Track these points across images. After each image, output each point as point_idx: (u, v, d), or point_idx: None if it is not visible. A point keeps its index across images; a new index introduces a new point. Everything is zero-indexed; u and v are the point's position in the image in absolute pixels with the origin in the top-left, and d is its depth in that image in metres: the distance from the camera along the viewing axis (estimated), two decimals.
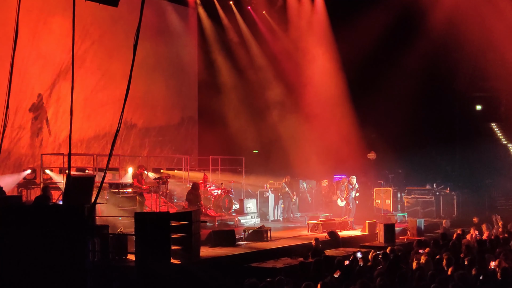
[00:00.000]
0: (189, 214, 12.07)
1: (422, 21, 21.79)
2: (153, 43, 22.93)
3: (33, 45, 19.01)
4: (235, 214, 19.75)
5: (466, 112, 23.25)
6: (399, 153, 22.44)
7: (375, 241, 16.33)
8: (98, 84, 21.35)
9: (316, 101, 23.80)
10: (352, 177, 19.99)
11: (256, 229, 15.97)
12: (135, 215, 11.72)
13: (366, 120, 22.66)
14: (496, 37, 21.46)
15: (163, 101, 24.63)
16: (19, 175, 17.81)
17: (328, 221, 18.63)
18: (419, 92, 22.03)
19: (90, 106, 20.98)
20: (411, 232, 17.45)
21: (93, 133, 21.37)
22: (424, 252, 12.28)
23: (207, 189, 19.82)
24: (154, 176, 19.66)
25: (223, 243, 14.36)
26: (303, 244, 14.84)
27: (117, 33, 21.69)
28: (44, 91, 19.74)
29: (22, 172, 17.98)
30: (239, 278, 10.26)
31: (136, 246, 11.00)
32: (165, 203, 18.06)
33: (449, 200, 22.33)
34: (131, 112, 22.13)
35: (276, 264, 12.60)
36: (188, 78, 26.18)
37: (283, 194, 21.64)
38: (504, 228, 16.36)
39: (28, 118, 19.35)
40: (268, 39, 25.36)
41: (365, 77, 22.89)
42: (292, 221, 21.13)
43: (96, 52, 21.33)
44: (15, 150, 18.83)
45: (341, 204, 20.12)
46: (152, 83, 23.36)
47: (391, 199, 22.28)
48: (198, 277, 11.06)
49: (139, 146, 23.26)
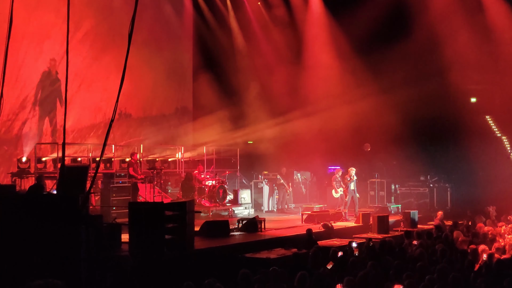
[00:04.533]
0: (183, 204, 12.05)
1: (417, 12, 21.75)
2: (149, 31, 22.86)
3: (27, 34, 18.88)
4: (229, 205, 19.78)
5: (460, 105, 23.25)
6: (393, 145, 22.45)
7: (368, 233, 16.38)
8: (93, 73, 21.24)
9: (311, 92, 23.76)
10: (351, 169, 19.81)
11: (250, 220, 15.98)
12: (129, 205, 11.72)
13: (361, 111, 22.64)
14: (491, 28, 21.47)
15: (158, 91, 24.54)
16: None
17: (322, 212, 18.68)
18: (414, 83, 22.02)
19: (85, 95, 20.89)
20: (404, 224, 17.50)
21: (88, 122, 21.29)
22: (417, 244, 12.34)
23: (202, 180, 19.82)
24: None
25: (217, 233, 14.35)
26: (297, 235, 14.84)
27: (112, 22, 21.56)
28: (38, 79, 19.64)
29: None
30: (233, 268, 10.27)
31: (130, 236, 11.00)
32: (159, 193, 18.06)
33: (443, 192, 22.43)
34: (125, 102, 22.03)
35: (270, 255, 12.60)
36: (183, 68, 26.10)
37: (278, 186, 21.67)
38: (498, 220, 16.46)
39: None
40: (263, 28, 25.30)
41: (359, 68, 22.86)
42: (286, 212, 21.19)
43: (91, 41, 21.21)
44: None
45: (335, 195, 20.13)
46: (147, 72, 23.25)
47: (385, 191, 22.35)
48: (191, 267, 11.06)
49: (133, 136, 23.19)
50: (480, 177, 21.52)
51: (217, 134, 23.85)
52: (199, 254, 12.02)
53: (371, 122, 22.74)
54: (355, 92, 22.72)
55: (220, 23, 25.75)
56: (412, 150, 22.45)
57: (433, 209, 21.21)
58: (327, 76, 23.72)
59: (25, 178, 17.62)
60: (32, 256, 7.67)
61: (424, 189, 22.48)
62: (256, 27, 25.33)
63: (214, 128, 23.93)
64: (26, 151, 18.73)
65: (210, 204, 18.93)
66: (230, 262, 11.77)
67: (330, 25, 24.13)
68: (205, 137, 23.88)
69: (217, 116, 24.20)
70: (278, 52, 24.55)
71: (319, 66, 24.14)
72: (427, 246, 12.10)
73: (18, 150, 18.79)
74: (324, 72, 23.88)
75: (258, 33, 25.24)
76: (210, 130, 23.94)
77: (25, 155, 18.37)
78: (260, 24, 25.39)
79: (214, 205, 18.99)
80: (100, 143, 8.42)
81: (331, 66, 23.82)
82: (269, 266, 9.70)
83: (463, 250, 11.11)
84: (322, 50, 24.21)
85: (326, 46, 24.16)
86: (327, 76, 23.74)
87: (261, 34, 25.21)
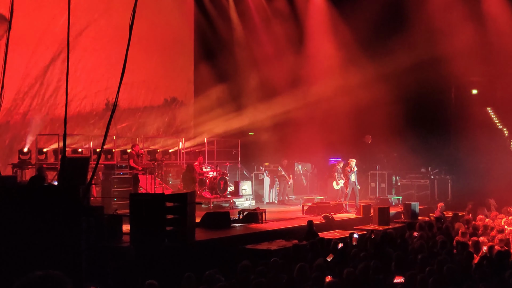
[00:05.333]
0: (184, 195, 12.06)
1: (419, 2, 21.67)
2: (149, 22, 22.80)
3: (27, 26, 18.84)
4: (230, 196, 19.79)
5: (462, 96, 23.20)
6: (394, 136, 22.44)
7: (369, 224, 16.40)
8: (93, 64, 21.21)
9: (312, 84, 23.71)
10: (352, 160, 19.79)
11: (251, 211, 15.99)
12: (130, 196, 11.73)
13: (362, 103, 22.59)
14: (493, 20, 21.40)
15: (159, 82, 24.50)
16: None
17: (323, 203, 18.68)
18: (415, 75, 21.97)
19: (85, 85, 20.87)
20: (405, 216, 17.50)
21: (88, 113, 21.27)
22: (418, 236, 12.36)
23: (203, 171, 19.83)
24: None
25: (218, 225, 14.38)
26: (297, 226, 14.86)
27: (113, 14, 21.49)
28: (39, 72, 19.62)
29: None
30: (233, 259, 10.29)
31: (131, 227, 11.02)
32: (160, 185, 18.07)
33: (444, 183, 22.42)
34: (126, 93, 22.00)
35: (271, 246, 12.63)
36: (184, 59, 26.05)
37: (279, 177, 21.67)
38: (498, 212, 16.46)
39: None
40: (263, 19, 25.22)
41: (361, 59, 22.80)
42: (287, 204, 21.19)
43: (91, 32, 21.17)
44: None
45: (336, 187, 20.13)
46: (148, 63, 23.22)
47: (386, 183, 22.36)
48: (192, 258, 11.08)
49: (134, 127, 23.17)
50: (481, 169, 21.49)
51: (217, 124, 23.85)
52: (200, 245, 12.05)
53: (372, 114, 22.69)
54: (357, 83, 22.66)
55: (220, 13, 25.66)
56: (413, 142, 22.43)
57: (434, 201, 21.21)
58: (329, 67, 23.64)
59: (26, 169, 17.64)
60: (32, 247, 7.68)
61: (425, 180, 22.48)
62: (256, 18, 25.23)
63: (214, 118, 23.92)
64: (28, 142, 18.74)
65: (211, 196, 18.95)
66: (231, 254, 11.79)
67: (332, 15, 24.02)
68: (206, 126, 23.88)
69: (217, 106, 24.18)
70: (279, 43, 24.45)
71: (320, 56, 24.07)
72: (428, 238, 12.12)
73: (19, 140, 18.80)
74: (326, 62, 23.81)
75: (258, 23, 25.14)
76: (210, 120, 23.94)
77: (27, 146, 18.38)
78: (260, 15, 25.28)
79: (215, 196, 19.00)
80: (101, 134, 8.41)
81: (333, 56, 23.75)
82: (270, 257, 9.73)
83: (463, 242, 11.12)
84: (323, 41, 24.12)
85: (327, 36, 24.07)
86: (329, 67, 23.67)
87: (262, 24, 25.11)
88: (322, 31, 24.35)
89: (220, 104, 24.27)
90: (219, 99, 24.28)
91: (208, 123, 24.01)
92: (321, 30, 24.38)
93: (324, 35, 24.20)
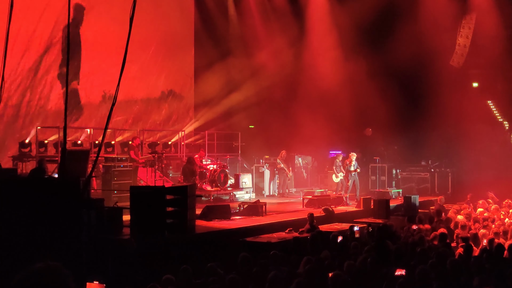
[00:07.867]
0: (184, 188, 12.06)
1: None
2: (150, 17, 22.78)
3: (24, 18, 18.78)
4: (231, 189, 19.80)
5: (462, 89, 23.17)
6: (394, 129, 22.44)
7: (369, 217, 16.41)
8: (94, 57, 21.17)
9: (312, 77, 23.68)
10: (352, 154, 19.81)
11: (251, 204, 16.01)
12: (131, 189, 11.73)
13: (363, 96, 22.57)
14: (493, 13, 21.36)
15: (159, 75, 24.44)
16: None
17: (323, 196, 18.70)
18: (415, 68, 21.95)
19: (87, 78, 20.84)
20: (405, 209, 17.51)
21: (89, 106, 21.25)
22: (417, 229, 12.38)
23: (203, 164, 19.84)
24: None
25: (218, 217, 14.42)
26: (297, 219, 14.88)
27: (113, 5, 21.43)
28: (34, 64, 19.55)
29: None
30: (234, 252, 10.31)
31: (131, 220, 11.02)
32: (160, 177, 18.07)
33: (444, 177, 22.43)
34: (127, 85, 21.95)
35: (271, 239, 12.66)
36: (185, 52, 25.97)
37: (279, 170, 21.67)
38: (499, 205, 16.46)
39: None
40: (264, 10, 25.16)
41: (362, 52, 22.77)
42: (287, 197, 21.21)
43: (91, 25, 21.12)
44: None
45: (335, 180, 20.15)
46: (149, 56, 23.18)
47: (386, 176, 22.37)
48: (192, 251, 11.10)
49: (133, 120, 23.12)
50: (481, 162, 21.49)
51: (217, 117, 23.86)
52: (200, 238, 12.07)
53: (373, 107, 22.67)
54: (357, 77, 22.64)
55: (220, 8, 25.61)
56: (413, 135, 22.44)
57: (434, 193, 21.24)
58: (329, 60, 23.60)
59: (26, 161, 17.64)
60: (33, 240, 7.69)
61: (425, 173, 22.51)
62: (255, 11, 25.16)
63: (214, 111, 23.93)
64: (30, 134, 18.73)
65: (212, 188, 18.96)
66: (231, 246, 11.82)
67: (333, 7, 23.95)
68: (207, 121, 23.88)
69: (218, 101, 24.18)
70: (280, 35, 24.37)
71: (321, 49, 24.01)
72: (427, 230, 12.14)
73: (20, 132, 18.79)
74: (326, 55, 23.76)
75: (256, 16, 25.07)
76: (211, 114, 23.94)
77: (29, 138, 18.37)
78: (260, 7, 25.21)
79: (215, 189, 19.01)
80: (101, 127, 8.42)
81: (333, 48, 23.70)
82: (270, 250, 9.74)
83: (463, 234, 11.13)
84: (325, 33, 24.06)
85: (328, 29, 24.00)
86: (329, 60, 23.62)
87: (262, 16, 25.04)
88: (322, 23, 24.28)
89: (220, 97, 24.24)
90: (219, 92, 24.23)
91: (209, 116, 24.00)
92: (322, 22, 24.29)
93: (326, 28, 24.12)
